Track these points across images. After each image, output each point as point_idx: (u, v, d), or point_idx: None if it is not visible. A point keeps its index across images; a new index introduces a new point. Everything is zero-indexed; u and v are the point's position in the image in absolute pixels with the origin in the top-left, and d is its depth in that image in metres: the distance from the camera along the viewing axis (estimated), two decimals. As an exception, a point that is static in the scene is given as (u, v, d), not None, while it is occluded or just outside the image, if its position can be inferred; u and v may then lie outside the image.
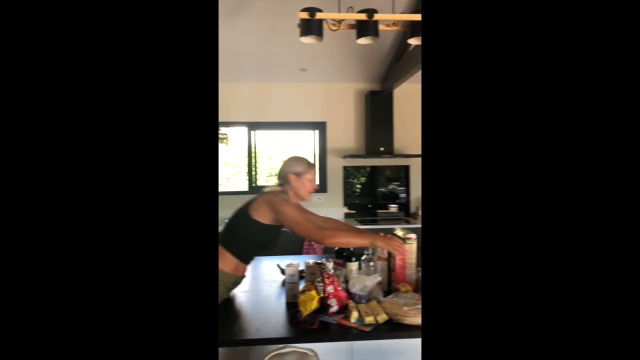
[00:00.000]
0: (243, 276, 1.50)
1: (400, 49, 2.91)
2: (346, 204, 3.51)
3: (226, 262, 1.39)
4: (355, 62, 3.13)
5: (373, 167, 3.54)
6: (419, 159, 3.48)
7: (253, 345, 1.26)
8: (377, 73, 3.31)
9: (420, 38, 1.73)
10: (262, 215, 1.39)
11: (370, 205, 3.54)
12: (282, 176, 1.51)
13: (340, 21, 1.66)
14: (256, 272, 1.86)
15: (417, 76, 2.90)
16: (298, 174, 1.49)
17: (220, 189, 3.71)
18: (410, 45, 2.75)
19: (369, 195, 3.55)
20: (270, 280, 1.71)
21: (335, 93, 3.47)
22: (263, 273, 1.84)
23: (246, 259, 1.46)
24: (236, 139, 3.65)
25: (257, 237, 1.42)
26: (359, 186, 3.54)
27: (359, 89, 3.48)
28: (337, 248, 1.58)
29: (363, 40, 1.67)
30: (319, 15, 1.60)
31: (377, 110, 3.30)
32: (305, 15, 1.60)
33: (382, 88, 3.40)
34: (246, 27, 2.59)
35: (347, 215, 3.50)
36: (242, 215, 1.42)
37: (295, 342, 1.14)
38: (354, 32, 1.71)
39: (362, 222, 3.22)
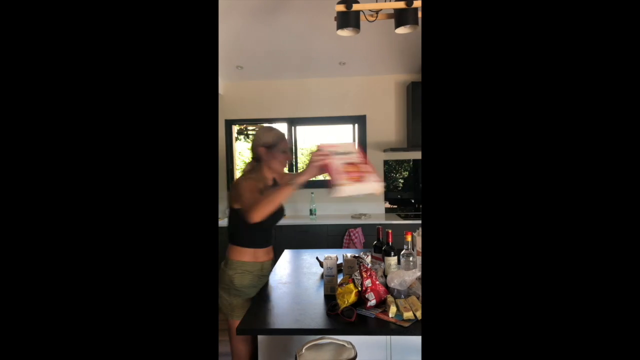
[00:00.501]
0: (269, 260, 1.52)
1: (444, 36, 2.79)
2: (388, 198, 3.46)
3: (241, 254, 1.45)
4: (395, 53, 3.05)
5: (416, 161, 3.44)
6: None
7: (292, 335, 1.30)
8: (418, 63, 3.20)
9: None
10: (236, 203, 1.38)
11: (413, 200, 3.45)
12: (254, 151, 1.44)
13: (377, 11, 1.62)
14: (296, 265, 1.90)
15: (462, 64, 2.76)
16: (269, 147, 1.42)
17: (263, 184, 3.82)
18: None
19: (413, 190, 3.46)
20: (310, 272, 1.73)
21: (375, 85, 3.41)
22: (303, 265, 1.87)
23: (256, 244, 1.47)
24: (278, 135, 3.74)
25: (244, 224, 1.33)
26: (401, 181, 3.47)
27: (400, 80, 3.39)
28: (375, 242, 1.57)
29: (402, 30, 1.62)
30: (355, 7, 1.58)
31: (419, 102, 3.19)
32: (342, 7, 1.58)
33: (424, 79, 3.28)
34: (286, 25, 2.63)
35: (387, 210, 3.44)
36: (229, 209, 1.44)
37: (332, 334, 1.15)
38: (392, 22, 1.66)
39: (405, 217, 3.16)
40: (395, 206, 3.45)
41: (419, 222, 3.00)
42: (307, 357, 1.11)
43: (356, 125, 3.49)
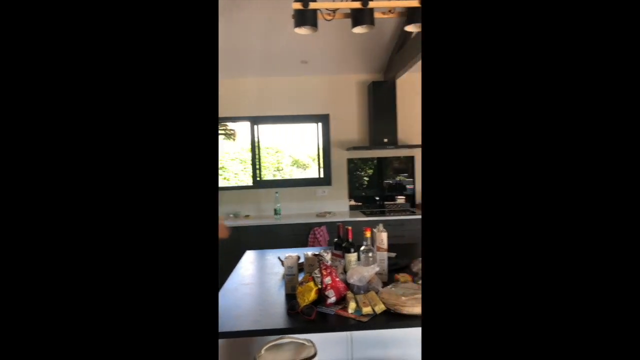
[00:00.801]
0: None
1: (402, 37, 2.86)
2: (353, 196, 3.50)
3: None
4: (356, 53, 3.10)
5: (381, 159, 3.51)
6: (425, 149, 3.43)
7: (251, 337, 1.28)
8: (379, 63, 3.26)
9: (418, 25, 1.70)
10: None
11: (377, 198, 3.52)
12: None
13: (334, 10, 1.64)
14: (260, 265, 1.88)
15: (419, 65, 2.85)
16: None
17: (228, 184, 3.74)
18: (411, 33, 2.70)
19: (377, 187, 3.53)
20: (272, 272, 1.72)
21: (337, 85, 3.44)
22: (266, 266, 1.85)
23: None
24: (242, 135, 3.67)
25: None
26: (366, 178, 3.52)
27: (362, 80, 3.45)
28: (335, 239, 1.58)
29: (359, 29, 1.64)
30: (312, 5, 1.58)
31: (380, 101, 3.26)
32: (298, 5, 1.58)
33: (384, 78, 3.35)
34: (245, 22, 2.58)
35: (352, 208, 3.49)
36: None
37: (293, 333, 1.15)
38: (350, 21, 1.68)
39: (369, 214, 3.21)
40: (360, 203, 3.51)
41: (382, 218, 3.07)
42: (266, 358, 1.10)
43: (320, 124, 3.51)
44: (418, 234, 2.91)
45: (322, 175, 3.53)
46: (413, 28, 1.71)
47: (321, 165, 3.54)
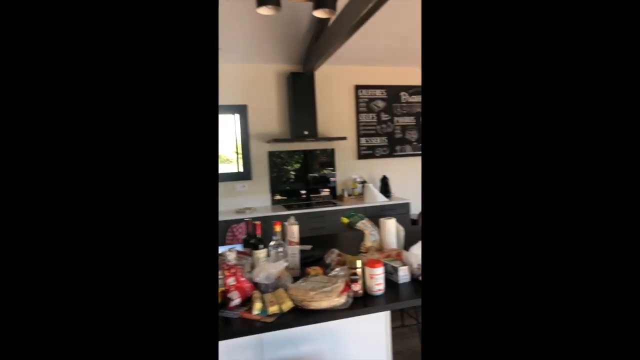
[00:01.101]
0: None
1: (319, 27, 2.83)
2: (277, 190, 3.40)
3: None
4: (274, 42, 2.98)
5: (307, 153, 3.45)
6: (343, 142, 3.48)
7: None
8: (297, 54, 3.19)
9: (326, 10, 1.65)
10: None
11: (304, 191, 3.47)
12: None
13: (237, -12, 1.51)
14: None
15: (337, 57, 2.85)
16: None
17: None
18: (328, 22, 2.67)
19: (303, 181, 3.48)
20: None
21: (255, 74, 3.30)
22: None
23: None
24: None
25: None
26: (293, 173, 3.45)
27: (280, 70, 3.35)
28: (244, 236, 1.47)
29: (264, 10, 1.54)
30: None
31: (299, 93, 3.20)
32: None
33: (303, 70, 3.30)
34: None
35: (275, 202, 3.39)
36: None
37: (190, 344, 1.02)
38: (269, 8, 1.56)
39: (295, 208, 3.14)
40: (286, 197, 3.43)
41: (306, 211, 3.03)
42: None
43: (237, 116, 3.32)
44: (338, 224, 2.93)
45: (241, 169, 3.36)
46: (321, 14, 1.66)
47: (240, 158, 3.37)
